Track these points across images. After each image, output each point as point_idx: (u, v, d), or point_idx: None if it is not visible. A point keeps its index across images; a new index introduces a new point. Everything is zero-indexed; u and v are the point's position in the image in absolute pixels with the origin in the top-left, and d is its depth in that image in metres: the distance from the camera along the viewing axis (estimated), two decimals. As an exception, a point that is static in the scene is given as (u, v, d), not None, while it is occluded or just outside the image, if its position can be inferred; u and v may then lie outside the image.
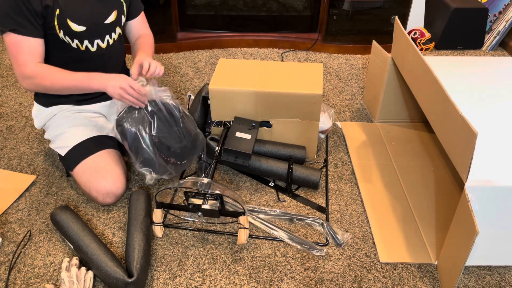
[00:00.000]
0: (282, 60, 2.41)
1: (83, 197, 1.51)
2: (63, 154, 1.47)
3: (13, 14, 1.28)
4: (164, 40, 2.42)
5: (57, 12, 1.33)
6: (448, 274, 1.21)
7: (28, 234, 1.38)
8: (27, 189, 1.54)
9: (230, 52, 2.47)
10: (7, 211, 1.46)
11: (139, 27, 1.60)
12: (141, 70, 1.40)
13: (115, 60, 1.57)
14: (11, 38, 1.32)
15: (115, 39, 1.51)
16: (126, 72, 1.71)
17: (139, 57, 1.44)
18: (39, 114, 1.55)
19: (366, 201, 1.51)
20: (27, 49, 1.33)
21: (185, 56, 2.43)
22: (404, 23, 2.48)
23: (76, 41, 1.40)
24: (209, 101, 1.60)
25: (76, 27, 1.38)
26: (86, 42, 1.42)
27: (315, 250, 1.33)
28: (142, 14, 1.60)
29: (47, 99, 1.53)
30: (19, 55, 1.33)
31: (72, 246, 1.30)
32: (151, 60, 1.41)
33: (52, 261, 1.30)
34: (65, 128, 1.50)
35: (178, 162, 1.45)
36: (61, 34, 1.37)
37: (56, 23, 1.34)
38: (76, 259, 1.26)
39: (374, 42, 1.85)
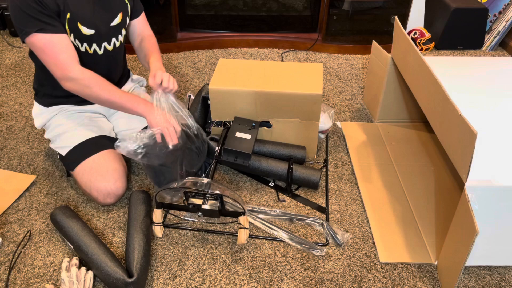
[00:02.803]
0: (282, 60, 2.41)
1: (83, 197, 1.51)
2: (63, 154, 1.47)
3: (35, 15, 1.26)
4: (164, 40, 2.42)
5: (68, 16, 1.33)
6: (448, 274, 1.21)
7: (28, 234, 1.38)
8: (27, 189, 1.54)
9: (230, 52, 2.47)
10: (7, 211, 1.46)
11: (141, 28, 1.60)
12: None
13: (119, 62, 1.57)
14: (41, 39, 1.28)
15: (122, 41, 1.51)
16: (128, 72, 1.71)
17: (153, 68, 1.45)
18: (39, 114, 1.55)
19: (366, 201, 1.51)
20: (63, 47, 1.30)
21: (185, 56, 2.43)
22: (404, 23, 2.48)
23: (85, 44, 1.40)
24: (209, 101, 1.60)
25: (86, 31, 1.38)
26: (94, 46, 1.42)
27: (315, 250, 1.33)
28: (143, 15, 1.60)
29: (47, 99, 1.53)
30: (58, 55, 1.30)
31: (72, 246, 1.30)
32: (164, 74, 1.41)
33: (52, 261, 1.30)
34: (66, 128, 1.50)
35: (192, 171, 1.50)
36: (71, 38, 1.36)
37: (67, 27, 1.34)
38: (76, 259, 1.26)
39: (374, 42, 1.85)
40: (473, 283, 1.26)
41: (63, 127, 1.50)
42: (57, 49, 1.30)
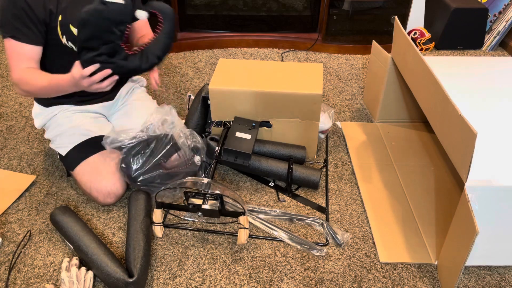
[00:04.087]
0: (282, 60, 2.41)
1: (83, 197, 1.51)
2: (63, 154, 1.47)
3: (14, 21, 1.29)
4: (164, 40, 2.41)
5: (60, 18, 1.33)
6: (448, 274, 1.21)
7: (28, 234, 1.38)
8: (27, 189, 1.54)
9: (230, 52, 2.47)
10: (7, 211, 1.46)
11: (141, 29, 1.59)
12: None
13: None
14: (10, 44, 1.33)
15: None
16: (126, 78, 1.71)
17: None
18: (40, 114, 1.55)
19: (366, 201, 1.51)
20: (19, 55, 1.34)
21: (185, 56, 2.43)
22: (404, 23, 2.48)
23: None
24: (209, 101, 1.60)
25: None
26: None
27: (315, 250, 1.33)
28: (145, 20, 1.58)
29: (47, 99, 1.53)
30: (11, 60, 1.34)
31: (72, 246, 1.30)
32: (152, 74, 1.39)
33: (52, 261, 1.30)
34: (66, 128, 1.50)
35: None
36: (64, 40, 1.37)
37: (59, 29, 1.34)
38: (76, 259, 1.26)
39: (374, 42, 1.85)
40: (473, 283, 1.26)
41: (63, 127, 1.50)
42: (13, 56, 1.33)
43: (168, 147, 1.42)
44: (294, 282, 1.26)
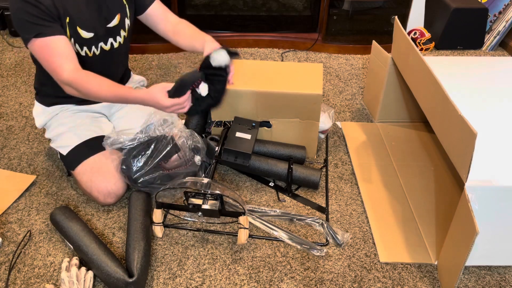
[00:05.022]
0: (282, 60, 2.40)
1: (83, 197, 1.51)
2: (64, 153, 1.47)
3: (33, 20, 1.25)
4: (164, 40, 2.40)
5: (67, 20, 1.32)
6: (448, 274, 1.21)
7: (28, 234, 1.38)
8: (27, 189, 1.54)
9: (230, 52, 2.47)
10: (7, 211, 1.46)
11: (161, 14, 1.53)
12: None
13: (118, 62, 1.56)
14: (38, 44, 1.27)
15: (121, 42, 1.49)
16: (128, 73, 1.71)
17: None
18: (41, 113, 1.55)
19: (366, 201, 1.51)
20: (59, 50, 1.28)
21: (185, 56, 2.43)
22: (404, 23, 2.48)
23: (85, 48, 1.40)
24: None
25: (86, 34, 1.37)
26: (93, 48, 1.42)
27: (315, 250, 1.33)
28: (157, 2, 1.53)
29: (48, 98, 1.53)
30: (52, 59, 1.28)
31: (72, 246, 1.30)
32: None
33: (52, 261, 1.30)
34: (67, 127, 1.50)
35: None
36: (71, 42, 1.36)
37: (68, 31, 1.33)
38: (76, 259, 1.26)
39: (374, 42, 1.85)
40: (473, 283, 1.26)
41: (64, 127, 1.50)
42: (52, 53, 1.28)
43: (169, 148, 1.42)
44: (294, 282, 1.26)
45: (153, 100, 1.27)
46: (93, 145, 1.45)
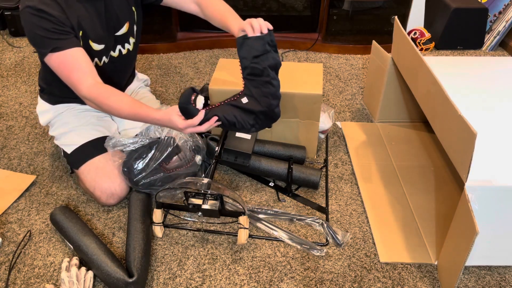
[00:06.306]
0: (282, 60, 2.40)
1: (83, 197, 1.51)
2: (69, 152, 1.47)
3: (48, 35, 1.23)
4: (164, 40, 2.42)
5: (81, 33, 1.31)
6: (448, 274, 1.21)
7: (28, 234, 1.38)
8: (27, 189, 1.54)
9: (230, 52, 2.47)
10: (7, 211, 1.46)
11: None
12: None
13: (126, 68, 1.57)
14: (55, 59, 1.26)
15: (130, 49, 1.49)
16: (133, 72, 1.71)
17: (235, 26, 1.33)
18: (45, 111, 1.55)
19: (366, 201, 1.51)
20: (75, 64, 1.26)
21: (185, 56, 2.43)
22: (404, 23, 2.48)
23: (96, 59, 1.40)
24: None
25: (97, 47, 1.38)
26: (103, 58, 1.42)
27: (315, 250, 1.33)
28: None
29: (53, 97, 1.53)
30: (71, 74, 1.26)
31: (72, 246, 1.30)
32: (252, 20, 1.28)
33: (52, 261, 1.30)
34: (72, 126, 1.50)
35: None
36: None
37: (81, 44, 1.32)
38: (76, 259, 1.26)
39: (374, 42, 1.85)
40: (473, 283, 1.26)
41: (70, 126, 1.50)
42: (71, 68, 1.26)
43: (169, 150, 1.42)
44: (294, 282, 1.26)
45: (169, 122, 1.25)
46: (98, 145, 1.46)
